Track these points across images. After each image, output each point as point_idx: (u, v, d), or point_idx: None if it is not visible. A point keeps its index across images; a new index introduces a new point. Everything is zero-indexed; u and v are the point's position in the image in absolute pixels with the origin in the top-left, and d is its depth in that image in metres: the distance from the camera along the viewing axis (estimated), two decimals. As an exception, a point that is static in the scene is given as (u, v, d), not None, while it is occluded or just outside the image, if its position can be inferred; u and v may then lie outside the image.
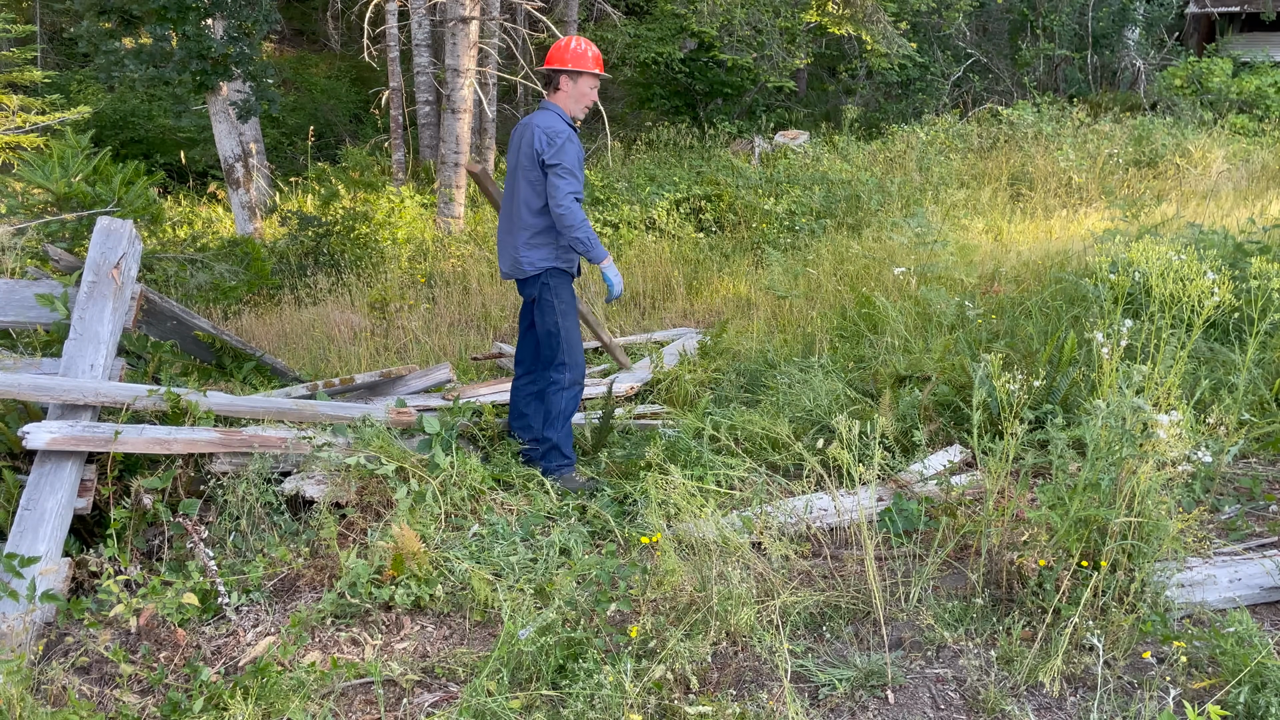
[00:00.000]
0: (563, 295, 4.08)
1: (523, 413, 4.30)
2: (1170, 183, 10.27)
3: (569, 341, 4.07)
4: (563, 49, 3.98)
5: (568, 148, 3.86)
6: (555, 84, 4.01)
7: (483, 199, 12.05)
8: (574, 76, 3.97)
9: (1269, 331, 4.42)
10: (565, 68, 3.96)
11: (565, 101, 4.02)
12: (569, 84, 3.98)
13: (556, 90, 4.02)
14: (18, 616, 2.89)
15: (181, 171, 15.21)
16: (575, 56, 3.96)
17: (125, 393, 3.43)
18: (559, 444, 4.06)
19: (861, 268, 7.20)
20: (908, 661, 2.69)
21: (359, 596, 3.06)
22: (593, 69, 3.97)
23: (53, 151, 7.14)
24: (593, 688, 2.46)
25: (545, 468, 4.06)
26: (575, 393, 4.11)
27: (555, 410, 4.07)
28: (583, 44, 3.99)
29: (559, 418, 4.06)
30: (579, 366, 4.11)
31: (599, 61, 4.02)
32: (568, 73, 3.96)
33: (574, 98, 4.01)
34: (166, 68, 9.72)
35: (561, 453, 4.07)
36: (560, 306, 4.07)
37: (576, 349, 4.10)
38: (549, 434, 4.06)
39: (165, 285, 8.47)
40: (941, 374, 4.32)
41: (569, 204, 3.83)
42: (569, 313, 4.09)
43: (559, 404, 4.06)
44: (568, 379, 4.07)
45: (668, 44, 15.06)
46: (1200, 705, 2.39)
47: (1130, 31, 15.77)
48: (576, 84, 3.98)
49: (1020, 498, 3.01)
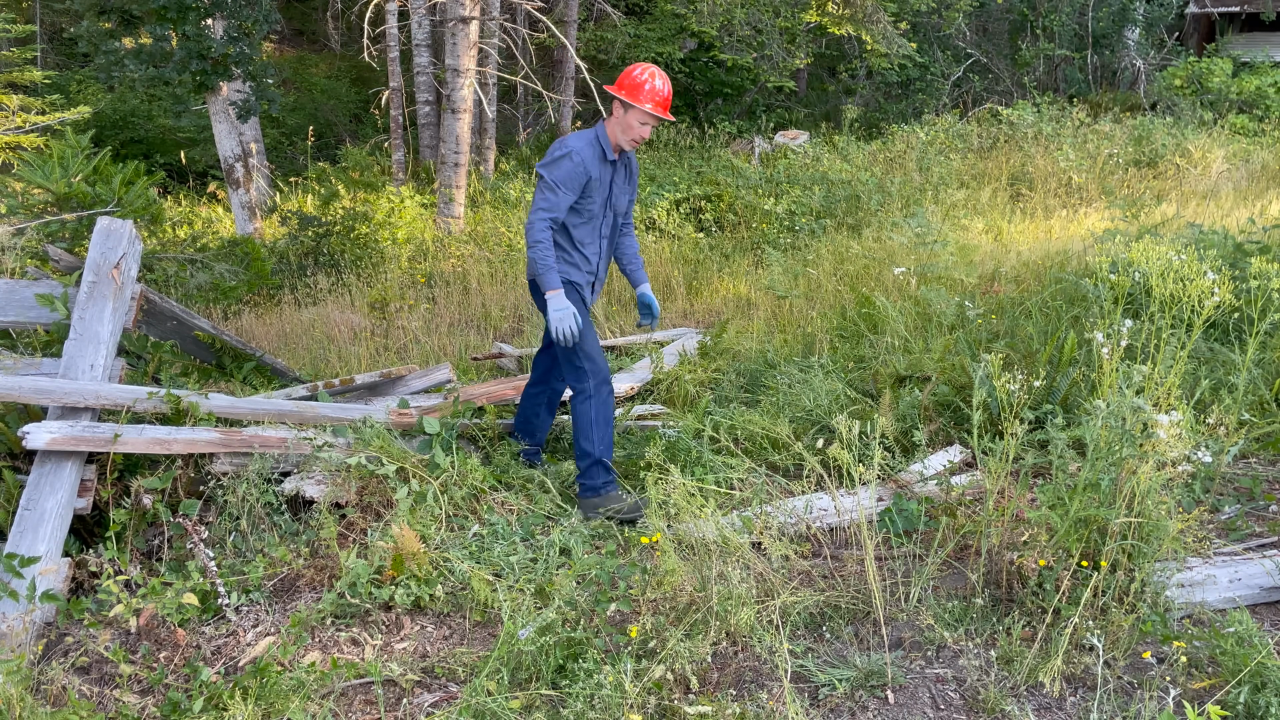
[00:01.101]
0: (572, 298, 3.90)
1: (529, 419, 4.19)
2: (1170, 183, 10.27)
3: (586, 348, 3.84)
4: (626, 75, 3.77)
5: (563, 164, 3.69)
6: (609, 108, 3.85)
7: (483, 199, 12.06)
8: (625, 106, 3.73)
9: (1269, 331, 4.42)
10: (618, 94, 3.74)
11: (611, 127, 3.81)
12: (619, 111, 3.77)
13: (609, 115, 3.84)
14: (18, 616, 2.89)
15: (181, 171, 15.21)
16: (631, 86, 3.72)
17: (126, 395, 3.43)
18: (600, 457, 3.78)
19: (861, 268, 7.20)
20: (908, 661, 2.69)
21: (359, 596, 3.06)
22: (644, 104, 3.69)
23: (53, 151, 7.14)
24: (593, 688, 2.46)
25: (589, 486, 3.79)
26: (605, 395, 3.84)
27: (587, 421, 3.80)
28: (646, 75, 3.73)
29: (592, 426, 3.79)
30: (601, 369, 3.85)
31: (660, 102, 3.73)
32: (620, 100, 3.74)
33: (620, 127, 3.78)
34: (166, 68, 9.72)
35: (604, 467, 3.79)
36: None
37: (597, 354, 3.87)
38: (587, 447, 3.79)
39: (165, 285, 8.47)
40: (941, 374, 4.32)
41: (534, 219, 3.68)
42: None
43: (589, 413, 3.80)
44: (592, 385, 3.81)
45: (668, 44, 15.06)
46: (1200, 705, 2.39)
47: (1130, 31, 15.77)
48: (625, 114, 3.75)
49: (1020, 498, 3.01)
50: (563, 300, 3.68)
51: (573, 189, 3.71)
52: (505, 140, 16.56)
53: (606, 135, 3.81)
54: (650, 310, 4.11)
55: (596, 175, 3.77)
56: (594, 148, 3.76)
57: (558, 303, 3.67)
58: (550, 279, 3.67)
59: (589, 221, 3.85)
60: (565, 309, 3.67)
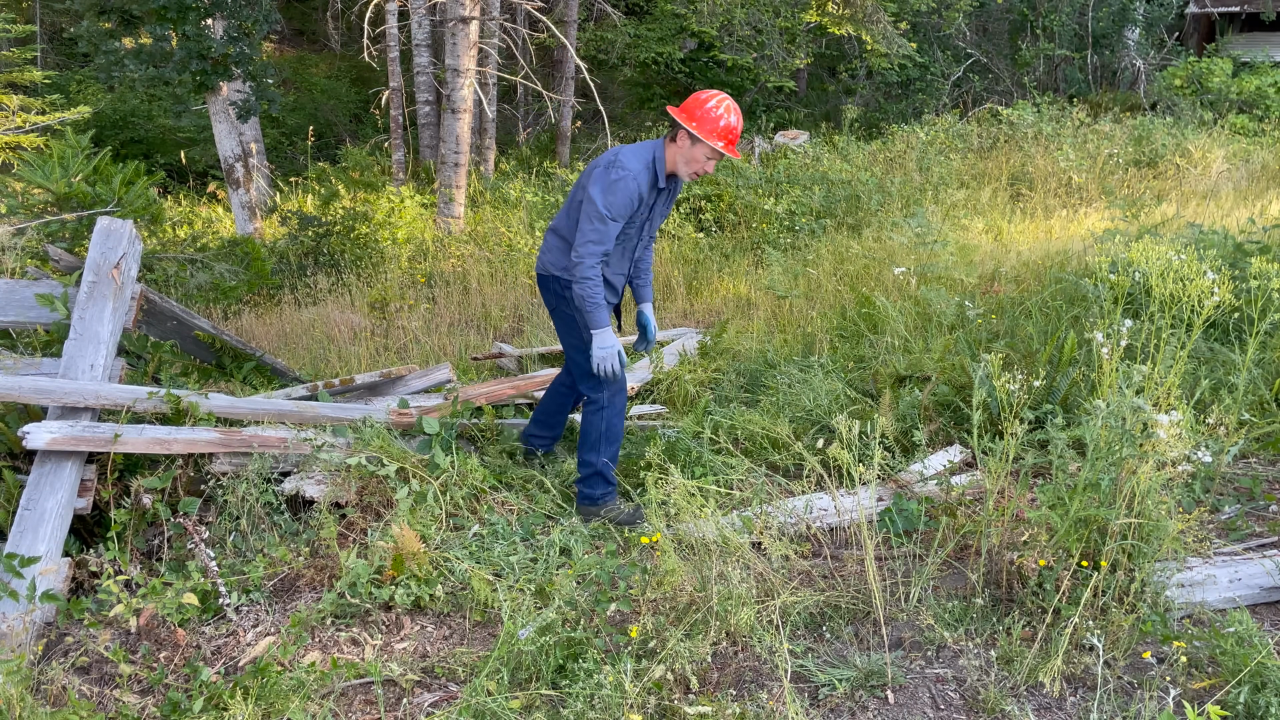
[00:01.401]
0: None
1: (553, 411, 3.99)
2: (1170, 183, 10.27)
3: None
4: (698, 103, 3.46)
5: (619, 190, 3.38)
6: (674, 133, 3.51)
7: (483, 199, 12.06)
8: (694, 140, 3.45)
9: (1269, 331, 4.42)
10: (689, 125, 3.42)
11: (673, 155, 3.51)
12: (685, 142, 3.47)
13: (672, 140, 3.51)
14: (18, 616, 2.89)
15: (181, 171, 15.22)
16: (705, 118, 3.42)
17: (126, 395, 3.43)
18: (602, 470, 3.66)
19: (861, 268, 7.21)
20: (908, 661, 2.69)
21: (359, 596, 3.06)
22: (716, 142, 3.43)
23: (53, 151, 7.14)
24: (593, 688, 2.46)
25: (587, 495, 3.70)
26: (619, 407, 3.69)
27: (596, 432, 3.66)
28: (722, 110, 3.44)
29: (600, 440, 3.66)
30: (619, 382, 3.68)
31: (732, 140, 3.47)
32: (689, 132, 3.43)
33: (684, 159, 3.49)
34: (166, 68, 9.72)
35: (605, 479, 3.68)
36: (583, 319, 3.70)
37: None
38: (590, 458, 3.66)
39: (165, 285, 8.47)
40: (941, 374, 4.32)
41: (584, 253, 3.41)
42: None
43: (599, 425, 3.66)
44: (606, 395, 3.65)
45: (668, 44, 15.06)
46: (1200, 705, 2.39)
47: (1130, 31, 15.77)
48: (693, 147, 3.47)
49: (1020, 498, 3.01)
50: (610, 338, 3.50)
51: (625, 217, 3.46)
52: (505, 140, 16.56)
53: (664, 160, 3.53)
54: (646, 334, 3.95)
55: (647, 200, 3.54)
56: (649, 172, 3.50)
57: (604, 340, 3.50)
58: (600, 317, 3.48)
59: (621, 244, 3.63)
60: (611, 348, 3.50)
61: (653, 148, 3.53)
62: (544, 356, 6.16)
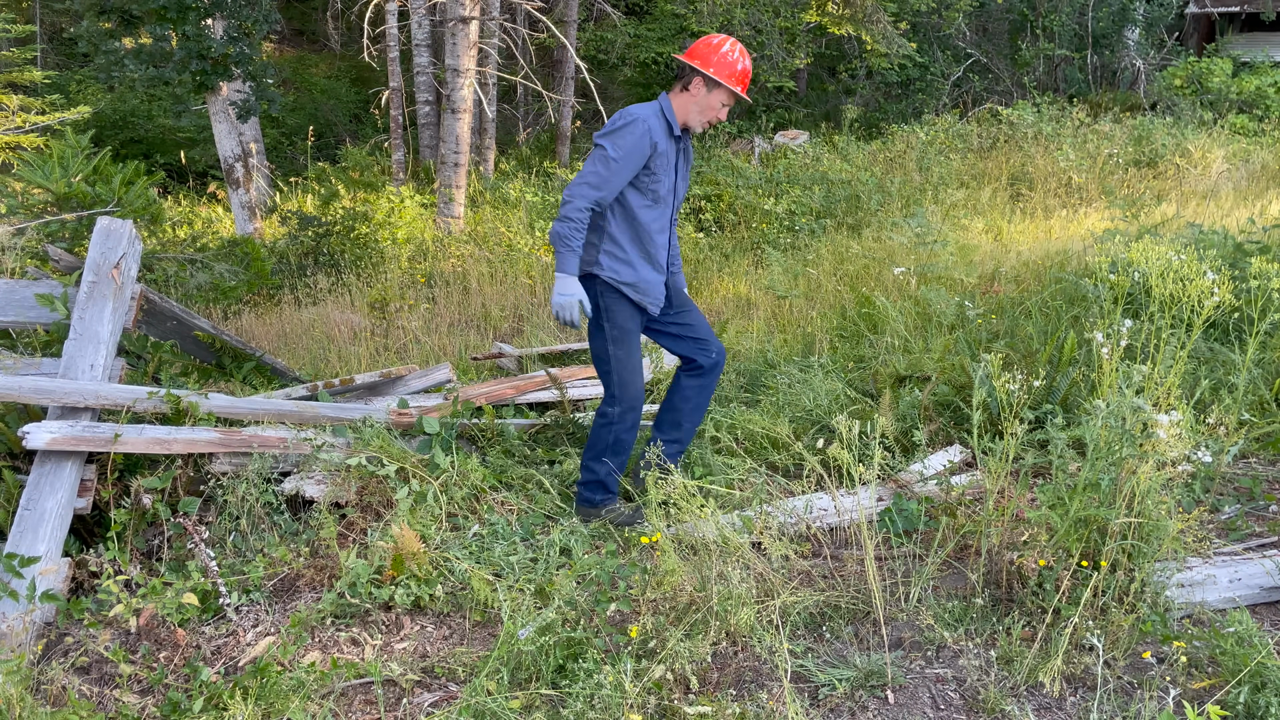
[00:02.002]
0: (615, 317, 3.49)
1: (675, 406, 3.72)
2: (1170, 183, 10.28)
3: (621, 373, 3.54)
4: (711, 48, 3.35)
5: (627, 132, 3.25)
6: (685, 82, 3.38)
7: (483, 199, 12.06)
8: (710, 84, 3.35)
9: (1269, 331, 4.42)
10: (705, 70, 3.32)
11: (685, 104, 3.40)
12: (700, 89, 3.36)
13: (684, 90, 3.38)
14: (18, 616, 2.89)
15: (181, 171, 15.22)
16: (722, 63, 3.33)
17: (126, 395, 3.43)
18: (604, 480, 3.61)
19: (861, 268, 7.21)
20: (908, 661, 2.69)
21: (359, 596, 3.06)
22: (735, 86, 3.35)
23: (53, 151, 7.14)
24: (593, 688, 2.46)
25: (586, 498, 3.65)
26: (629, 424, 3.60)
27: (602, 444, 3.59)
28: (736, 52, 3.36)
29: (605, 451, 3.59)
30: (633, 399, 3.56)
31: (746, 81, 3.39)
32: (705, 76, 3.33)
33: (699, 106, 3.38)
34: (166, 68, 9.73)
35: (605, 487, 3.63)
36: (612, 331, 3.50)
37: (631, 382, 3.56)
38: (594, 467, 3.60)
39: (165, 285, 8.48)
40: (941, 374, 4.32)
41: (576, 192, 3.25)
42: (622, 340, 3.51)
43: (606, 438, 3.58)
44: (617, 411, 3.56)
45: (668, 44, 15.07)
46: (1200, 705, 2.39)
47: (1130, 31, 15.77)
48: (709, 93, 3.36)
49: (1020, 498, 3.01)
50: (572, 285, 3.32)
51: (634, 164, 3.30)
52: (505, 140, 16.56)
53: (673, 110, 3.41)
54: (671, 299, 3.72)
55: (664, 149, 3.37)
56: (660, 119, 3.36)
57: (566, 286, 3.31)
58: (570, 262, 3.29)
59: (656, 204, 3.44)
60: (571, 296, 3.32)
61: (658, 102, 3.42)
62: (544, 356, 6.16)
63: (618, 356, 3.51)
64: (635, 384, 3.57)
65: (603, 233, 3.43)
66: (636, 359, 3.57)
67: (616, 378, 3.54)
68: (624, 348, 3.52)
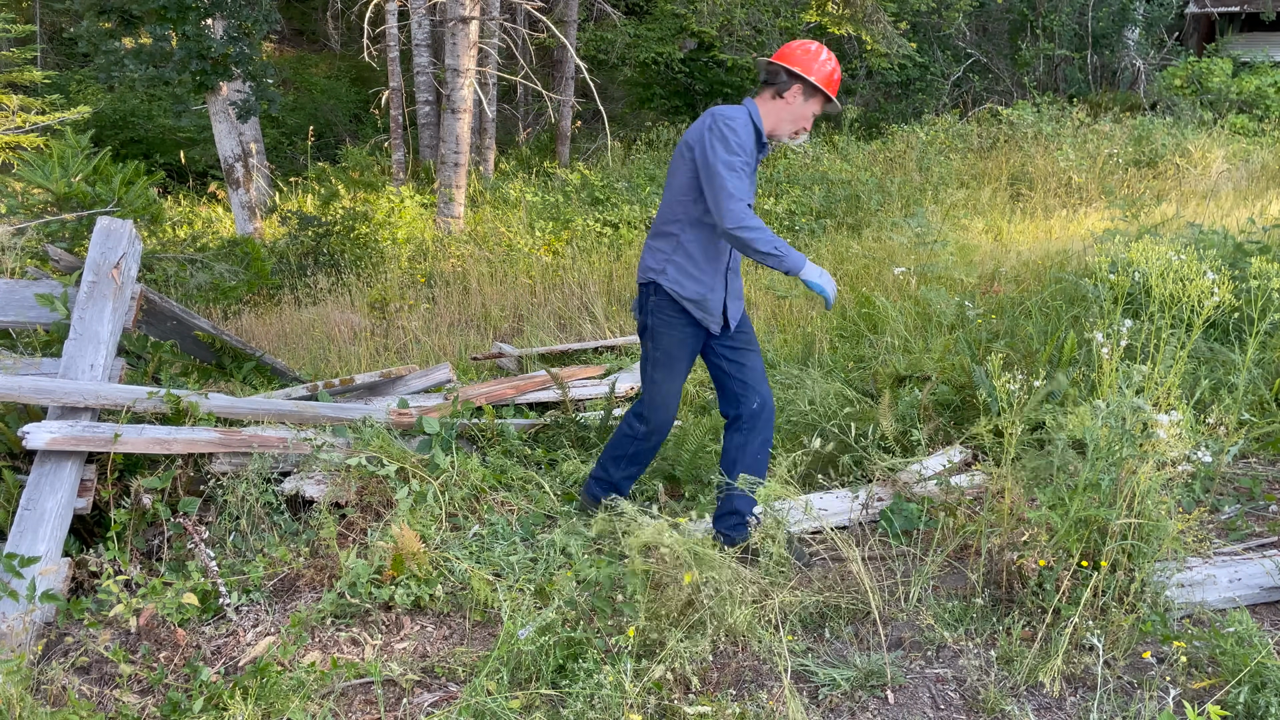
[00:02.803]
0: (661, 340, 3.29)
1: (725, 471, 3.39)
2: (1170, 183, 10.28)
3: (656, 396, 3.36)
4: (810, 54, 3.17)
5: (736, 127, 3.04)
6: (779, 89, 3.18)
7: (483, 199, 12.05)
8: (809, 92, 3.18)
9: (1269, 331, 4.42)
10: (807, 76, 3.14)
11: (778, 112, 3.21)
12: (796, 97, 3.17)
13: (777, 96, 3.18)
14: (18, 616, 2.89)
15: (181, 171, 15.22)
16: (822, 71, 3.16)
17: (125, 395, 3.43)
18: (618, 483, 3.53)
19: (861, 268, 7.21)
20: (908, 661, 2.69)
21: (359, 596, 3.06)
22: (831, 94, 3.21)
23: (53, 151, 7.14)
24: (593, 688, 2.46)
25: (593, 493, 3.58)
26: (653, 444, 3.47)
27: (622, 452, 3.49)
28: (832, 61, 3.20)
29: (623, 459, 3.49)
30: (660, 425, 3.40)
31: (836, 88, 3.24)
32: (806, 83, 3.15)
33: (792, 115, 3.20)
34: (166, 68, 9.73)
35: (617, 490, 3.52)
36: (655, 353, 3.31)
37: (664, 407, 3.37)
38: (612, 471, 3.51)
39: (165, 285, 8.48)
40: (941, 374, 4.32)
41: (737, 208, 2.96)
42: (665, 363, 3.31)
43: (627, 448, 3.49)
44: (644, 429, 3.42)
45: (668, 44, 15.06)
46: (1200, 705, 2.39)
47: (1130, 31, 15.77)
48: (806, 102, 3.19)
49: (1020, 498, 3.01)
50: (816, 270, 3.07)
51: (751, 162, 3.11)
52: (505, 140, 16.56)
53: (761, 117, 3.20)
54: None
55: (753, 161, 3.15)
56: (750, 128, 3.15)
57: (815, 271, 3.06)
58: (794, 256, 3.01)
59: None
60: (825, 273, 3.09)
61: (745, 107, 3.19)
62: (544, 357, 6.16)
63: (655, 380, 3.34)
64: (667, 410, 3.39)
65: (676, 242, 3.21)
66: (677, 386, 3.36)
67: (649, 398, 3.38)
68: (665, 371, 3.31)
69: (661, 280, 3.22)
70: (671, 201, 3.22)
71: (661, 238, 3.25)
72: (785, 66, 3.16)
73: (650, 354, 3.33)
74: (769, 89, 3.21)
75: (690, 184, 3.14)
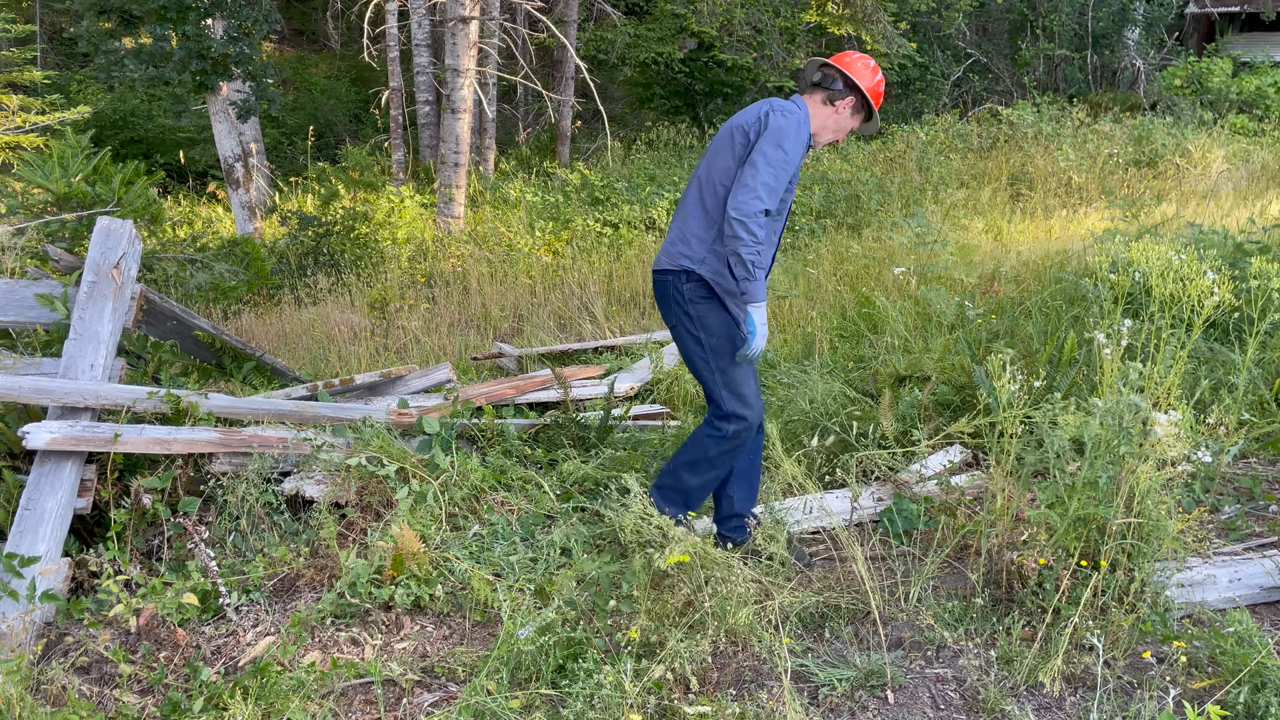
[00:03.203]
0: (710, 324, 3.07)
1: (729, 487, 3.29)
2: (1170, 183, 10.27)
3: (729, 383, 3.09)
4: (870, 70, 3.13)
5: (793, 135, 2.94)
6: (833, 95, 3.11)
7: (483, 199, 12.05)
8: (860, 105, 3.14)
9: (1269, 331, 4.42)
10: (864, 87, 3.09)
11: (826, 118, 3.14)
12: (847, 108, 3.13)
13: (829, 103, 3.12)
14: (18, 616, 2.89)
15: (181, 171, 15.23)
16: (878, 89, 3.15)
17: (125, 395, 3.43)
18: (690, 493, 3.21)
19: (861, 268, 7.21)
20: (908, 661, 2.69)
21: (359, 596, 3.06)
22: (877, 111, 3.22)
23: (53, 151, 7.14)
24: (592, 688, 2.46)
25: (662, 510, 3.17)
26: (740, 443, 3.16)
27: (704, 456, 3.14)
28: (880, 75, 3.18)
29: (704, 465, 3.15)
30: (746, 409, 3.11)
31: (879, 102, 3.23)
32: (862, 97, 3.11)
33: (836, 125, 3.15)
34: (166, 68, 9.73)
35: (687, 503, 3.23)
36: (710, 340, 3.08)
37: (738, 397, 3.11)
38: (686, 476, 3.18)
39: (165, 285, 8.48)
40: (941, 374, 4.32)
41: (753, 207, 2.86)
42: (725, 349, 3.08)
43: (710, 450, 3.14)
44: (731, 429, 3.11)
45: (668, 44, 15.06)
46: (1200, 705, 2.39)
47: (1130, 31, 15.77)
48: (853, 116, 3.16)
49: (1020, 497, 3.01)
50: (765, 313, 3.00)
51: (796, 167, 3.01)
52: (505, 140, 16.56)
53: (808, 118, 3.09)
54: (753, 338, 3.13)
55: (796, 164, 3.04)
56: (806, 130, 3.06)
57: (764, 316, 2.99)
58: (761, 288, 2.95)
59: (778, 217, 3.12)
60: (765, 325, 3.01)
61: (799, 106, 3.09)
62: (544, 356, 6.16)
63: (721, 368, 3.09)
64: (744, 400, 3.12)
65: (718, 230, 3.03)
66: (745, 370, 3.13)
67: (723, 393, 3.10)
68: (727, 357, 3.09)
69: (701, 270, 3.04)
70: (714, 186, 3.05)
71: (703, 224, 3.06)
72: (845, 74, 3.09)
73: (705, 343, 3.07)
74: (821, 92, 3.13)
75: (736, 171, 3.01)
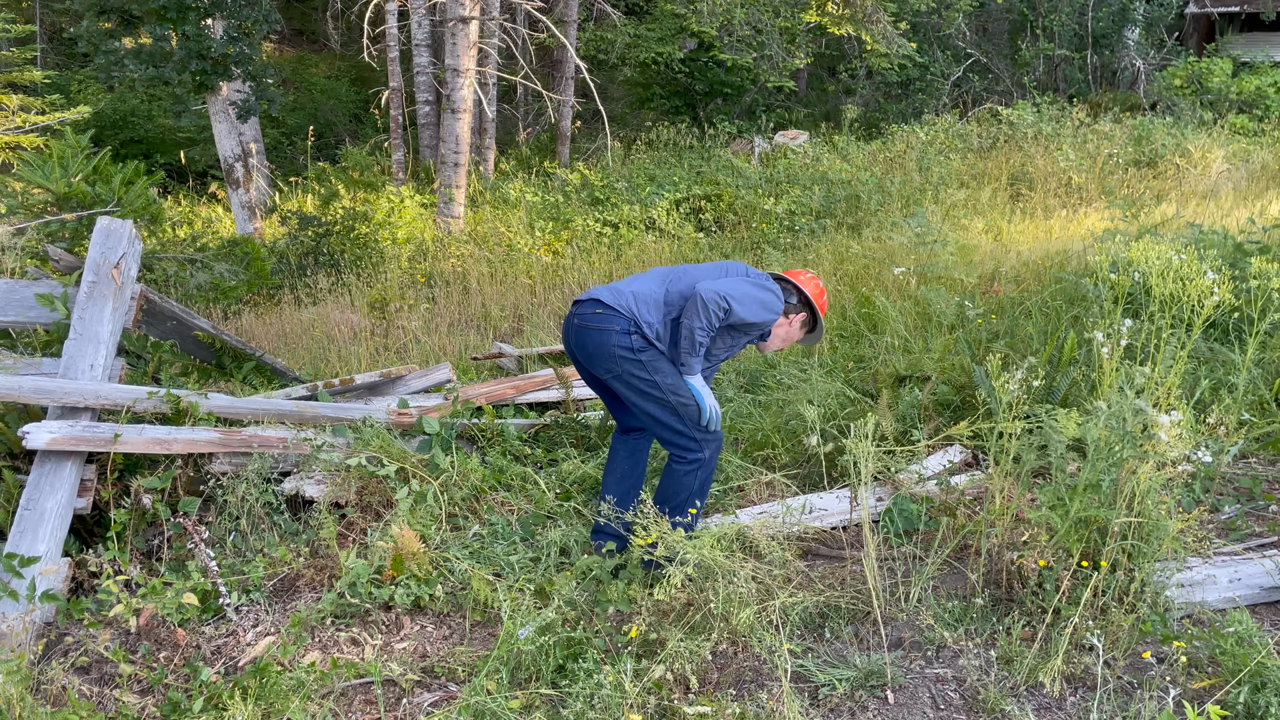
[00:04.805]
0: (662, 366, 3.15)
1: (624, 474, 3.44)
2: (1170, 183, 10.27)
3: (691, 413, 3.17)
4: (820, 292, 3.41)
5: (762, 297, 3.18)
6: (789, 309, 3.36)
7: (483, 199, 12.05)
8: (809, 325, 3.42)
9: (1269, 331, 4.42)
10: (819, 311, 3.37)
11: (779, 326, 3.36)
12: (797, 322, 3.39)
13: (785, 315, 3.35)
14: (18, 616, 2.89)
15: (181, 171, 15.23)
16: (823, 311, 3.43)
17: (125, 395, 3.43)
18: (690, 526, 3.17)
19: (861, 268, 7.20)
20: (908, 661, 2.69)
21: (359, 596, 3.06)
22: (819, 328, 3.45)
23: (53, 151, 7.13)
24: (593, 688, 2.46)
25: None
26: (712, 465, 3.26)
27: (685, 491, 3.20)
28: (825, 295, 3.45)
29: (692, 495, 3.21)
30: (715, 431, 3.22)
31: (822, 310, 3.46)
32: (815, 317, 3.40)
33: (787, 332, 3.39)
34: (166, 68, 9.73)
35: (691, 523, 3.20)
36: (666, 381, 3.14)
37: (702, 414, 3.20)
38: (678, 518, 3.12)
39: (165, 285, 8.47)
40: (941, 374, 4.32)
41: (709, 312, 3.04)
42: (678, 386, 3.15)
43: (691, 485, 3.20)
44: (705, 456, 3.20)
45: (668, 44, 15.06)
46: (1200, 705, 2.39)
47: (1130, 31, 15.77)
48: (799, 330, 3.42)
49: (1020, 498, 3.01)
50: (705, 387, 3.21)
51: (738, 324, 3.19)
52: (505, 140, 16.57)
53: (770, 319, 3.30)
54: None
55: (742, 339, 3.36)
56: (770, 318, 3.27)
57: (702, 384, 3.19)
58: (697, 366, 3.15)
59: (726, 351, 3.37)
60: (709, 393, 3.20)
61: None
62: (544, 356, 6.15)
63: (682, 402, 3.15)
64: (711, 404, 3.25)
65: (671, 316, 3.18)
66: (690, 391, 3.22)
67: (689, 424, 3.17)
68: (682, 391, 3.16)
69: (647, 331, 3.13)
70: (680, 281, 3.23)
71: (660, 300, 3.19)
72: (802, 291, 3.35)
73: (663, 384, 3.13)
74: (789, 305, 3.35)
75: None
